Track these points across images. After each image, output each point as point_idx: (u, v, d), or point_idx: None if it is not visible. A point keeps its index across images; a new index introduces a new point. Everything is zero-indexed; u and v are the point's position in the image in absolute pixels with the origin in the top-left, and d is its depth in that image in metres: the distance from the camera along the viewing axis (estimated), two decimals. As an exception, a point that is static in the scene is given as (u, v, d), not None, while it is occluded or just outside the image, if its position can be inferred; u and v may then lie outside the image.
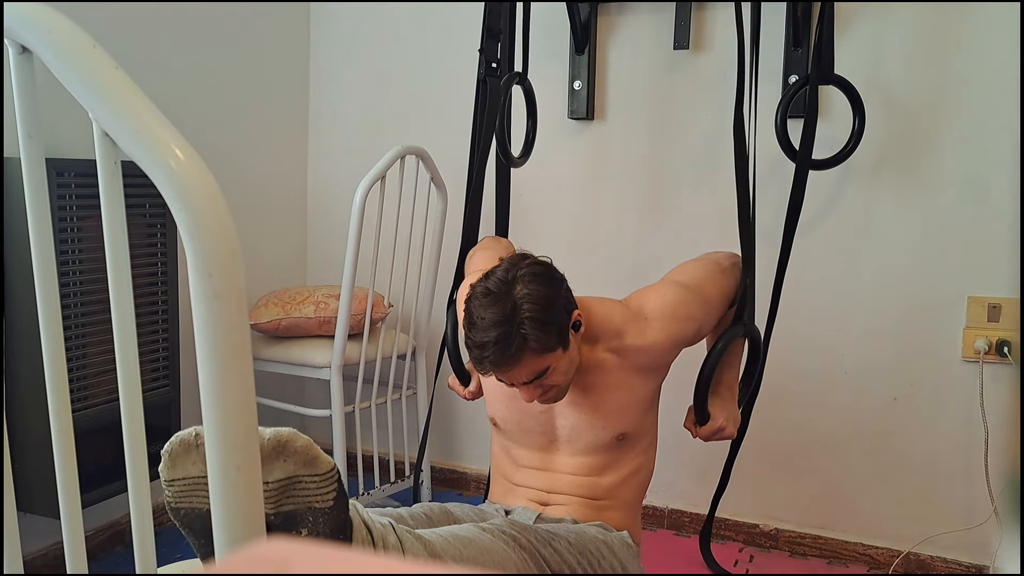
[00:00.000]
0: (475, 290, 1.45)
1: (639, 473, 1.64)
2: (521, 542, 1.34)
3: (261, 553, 0.38)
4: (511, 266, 1.45)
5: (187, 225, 0.61)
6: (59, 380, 0.76)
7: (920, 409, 2.15)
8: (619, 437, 1.58)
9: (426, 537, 1.20)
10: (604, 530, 1.56)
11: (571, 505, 1.60)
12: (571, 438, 1.59)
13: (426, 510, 1.48)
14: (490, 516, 1.58)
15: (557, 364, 1.45)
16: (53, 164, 1.71)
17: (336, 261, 2.67)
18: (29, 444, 1.73)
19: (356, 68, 2.72)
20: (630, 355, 1.55)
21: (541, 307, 1.40)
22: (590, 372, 1.56)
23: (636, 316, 1.55)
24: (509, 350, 1.39)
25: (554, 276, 1.47)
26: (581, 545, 1.44)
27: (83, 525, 0.80)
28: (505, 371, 1.44)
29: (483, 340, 1.40)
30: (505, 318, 1.38)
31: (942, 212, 2.09)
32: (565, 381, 1.50)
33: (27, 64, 0.69)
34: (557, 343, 1.43)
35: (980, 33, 2.02)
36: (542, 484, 1.63)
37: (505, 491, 1.68)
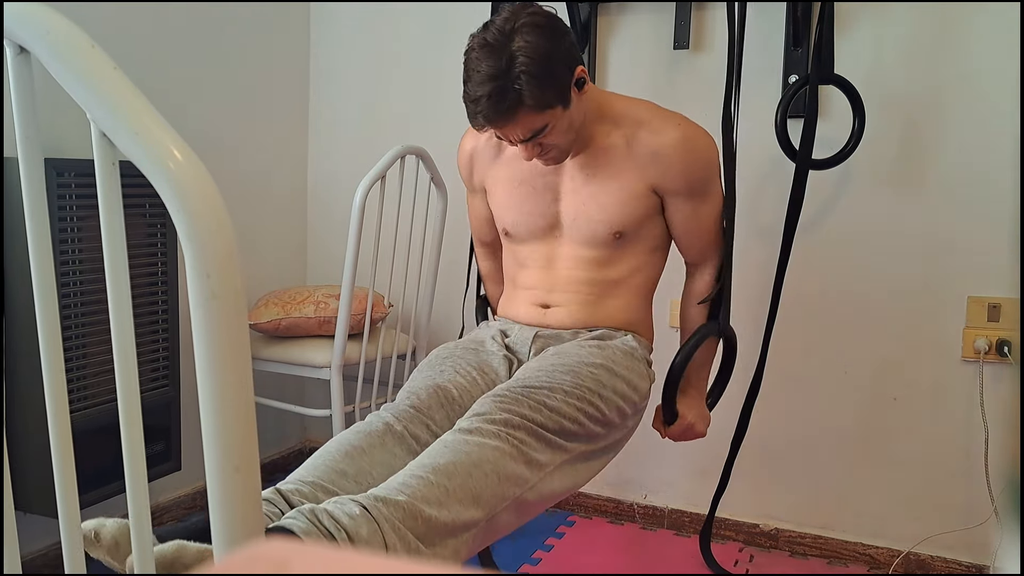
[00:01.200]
0: (473, 41, 1.38)
1: (641, 272, 1.61)
2: (513, 422, 1.28)
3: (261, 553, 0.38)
4: (512, 16, 1.37)
5: (185, 226, 0.61)
6: (57, 381, 0.76)
7: (920, 409, 2.15)
8: (616, 235, 1.54)
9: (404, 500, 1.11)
10: (602, 343, 1.52)
11: (571, 306, 1.58)
12: (572, 229, 1.57)
13: (413, 400, 1.40)
14: (487, 357, 1.55)
15: (556, 123, 1.40)
16: (53, 164, 1.71)
17: (336, 261, 2.67)
18: (28, 444, 1.73)
19: (356, 68, 2.72)
20: (637, 146, 1.51)
21: (539, 61, 1.33)
22: (598, 156, 1.52)
23: (666, 116, 1.52)
24: (503, 105, 1.34)
25: (557, 27, 1.38)
26: (578, 388, 1.38)
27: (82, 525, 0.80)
28: (499, 127, 1.39)
29: (477, 94, 1.34)
30: (500, 71, 1.32)
31: (942, 212, 2.09)
32: (565, 141, 1.45)
33: (25, 64, 0.69)
34: (556, 100, 1.37)
35: (980, 33, 2.02)
36: (544, 283, 1.61)
37: (510, 299, 1.68)
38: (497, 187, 1.66)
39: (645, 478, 2.43)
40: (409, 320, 2.41)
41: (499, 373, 1.55)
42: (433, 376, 1.49)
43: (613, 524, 2.43)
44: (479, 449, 1.23)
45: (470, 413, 1.32)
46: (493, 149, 1.66)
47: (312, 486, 1.21)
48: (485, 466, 1.22)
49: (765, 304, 1.93)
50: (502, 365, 1.56)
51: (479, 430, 1.26)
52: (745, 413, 1.98)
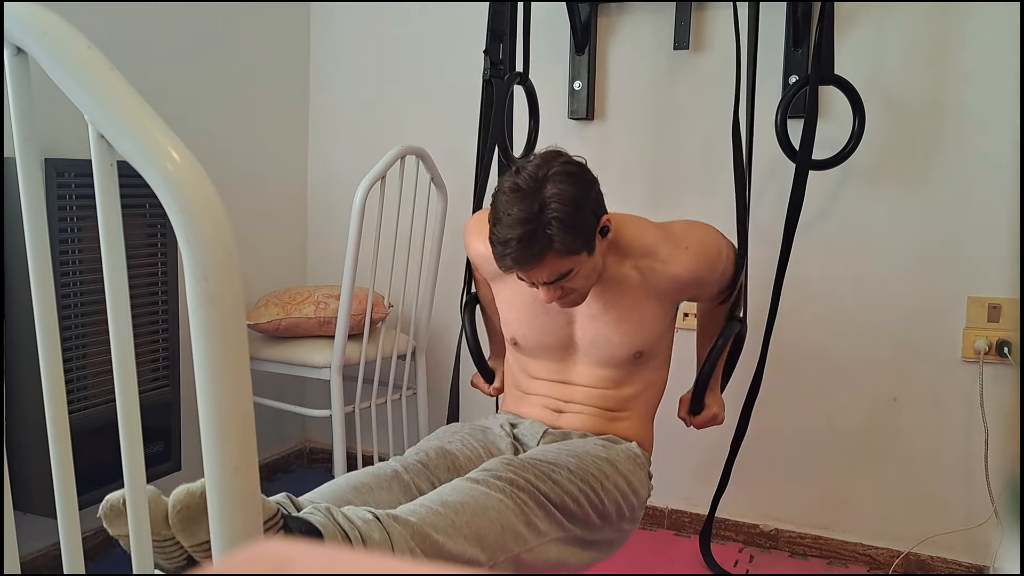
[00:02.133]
0: (504, 184, 1.40)
1: (653, 387, 1.64)
2: (519, 484, 1.31)
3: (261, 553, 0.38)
4: (543, 163, 1.40)
5: (183, 228, 0.61)
6: (56, 381, 0.76)
7: (920, 409, 2.15)
8: (636, 355, 1.57)
9: (414, 520, 1.16)
10: (610, 443, 1.54)
11: (585, 415, 1.59)
12: (589, 351, 1.58)
13: (422, 457, 1.44)
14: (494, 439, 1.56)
15: (580, 268, 1.42)
16: (53, 164, 1.71)
17: (336, 261, 2.67)
18: (28, 444, 1.73)
19: (356, 68, 2.72)
20: (652, 277, 1.53)
21: (570, 208, 1.36)
22: (613, 286, 1.54)
23: (674, 241, 1.54)
24: (532, 249, 1.36)
25: (586, 177, 1.42)
26: (582, 472, 1.41)
27: (81, 525, 0.80)
28: (526, 270, 1.41)
29: (507, 237, 1.36)
30: (532, 216, 1.35)
31: (942, 212, 2.09)
32: (586, 285, 1.48)
33: (22, 66, 0.69)
34: (582, 247, 1.40)
35: (980, 33, 2.02)
36: (557, 394, 1.62)
37: (518, 400, 1.67)
38: (505, 294, 1.65)
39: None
40: (409, 320, 2.41)
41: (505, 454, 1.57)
42: (442, 444, 1.52)
43: (613, 524, 2.43)
44: (485, 497, 1.27)
45: (479, 468, 1.36)
46: None
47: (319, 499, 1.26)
48: (490, 512, 1.25)
49: (765, 304, 1.93)
50: (508, 449, 1.57)
51: (487, 482, 1.30)
52: (745, 413, 1.98)
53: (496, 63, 2.00)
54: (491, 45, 1.99)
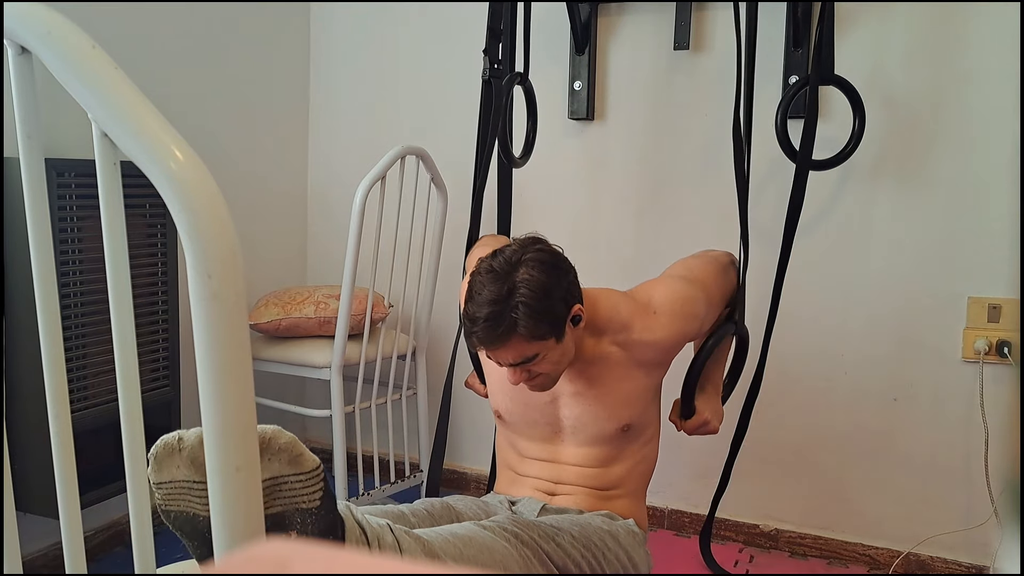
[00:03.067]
0: (481, 265, 1.45)
1: (644, 463, 1.64)
2: (523, 538, 1.33)
3: (261, 553, 0.38)
4: (520, 248, 1.44)
5: (186, 226, 0.61)
6: (58, 381, 0.76)
7: (920, 409, 2.15)
8: (624, 428, 1.57)
9: (424, 537, 1.20)
10: (609, 519, 1.55)
11: (577, 495, 1.60)
12: (576, 429, 1.59)
13: (427, 507, 1.48)
14: (494, 508, 1.57)
15: (547, 353, 1.44)
16: (53, 164, 1.71)
17: (336, 261, 2.67)
18: (29, 444, 1.73)
19: (356, 68, 2.72)
20: (635, 349, 1.54)
21: (537, 295, 1.39)
22: (595, 364, 1.55)
23: (643, 310, 1.55)
24: (497, 330, 1.39)
25: (560, 266, 1.45)
26: (585, 538, 1.43)
27: (83, 525, 0.80)
28: (491, 350, 1.44)
29: (475, 315, 1.40)
30: (500, 298, 1.38)
31: (942, 212, 2.09)
32: (554, 371, 1.49)
33: (26, 65, 0.69)
34: (548, 333, 1.42)
35: (980, 33, 2.02)
36: (548, 475, 1.62)
37: (511, 481, 1.68)
38: (491, 368, 1.66)
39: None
40: (409, 320, 2.41)
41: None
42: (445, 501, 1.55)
43: (613, 524, 2.43)
44: (492, 540, 1.29)
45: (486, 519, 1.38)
46: None
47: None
48: (495, 555, 1.27)
49: (765, 304, 1.93)
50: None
51: (493, 529, 1.32)
52: (745, 414, 1.98)
53: (495, 63, 2.00)
54: (490, 45, 1.99)
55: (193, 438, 1.00)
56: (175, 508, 1.02)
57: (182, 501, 1.02)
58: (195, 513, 1.03)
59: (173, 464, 1.00)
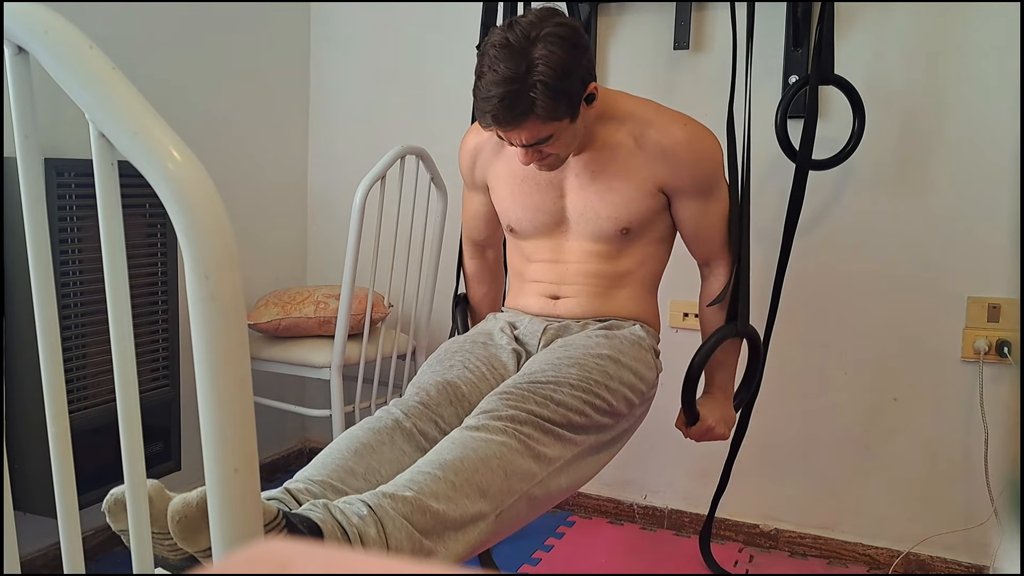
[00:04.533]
0: (494, 37, 1.37)
1: (648, 262, 1.63)
2: (520, 418, 1.29)
3: (261, 553, 0.38)
4: (537, 21, 1.36)
5: (183, 227, 0.61)
6: (56, 381, 0.76)
7: (920, 409, 2.15)
8: (623, 231, 1.56)
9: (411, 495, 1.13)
10: (610, 332, 1.53)
11: (580, 296, 1.60)
12: (579, 224, 1.58)
13: (422, 396, 1.42)
14: (496, 350, 1.56)
15: (561, 134, 1.41)
16: (53, 164, 1.71)
17: (336, 261, 2.67)
18: (29, 444, 1.73)
19: (356, 68, 2.72)
20: (646, 144, 1.52)
21: (557, 74, 1.33)
22: (604, 153, 1.53)
23: (676, 119, 1.54)
24: (514, 110, 1.34)
25: (579, 43, 1.39)
26: (585, 380, 1.39)
27: (81, 525, 0.80)
28: (505, 130, 1.40)
29: (489, 93, 1.34)
30: (517, 76, 1.32)
31: (942, 212, 2.09)
32: (565, 151, 1.47)
33: (23, 65, 0.69)
34: (565, 113, 1.38)
35: (980, 33, 2.02)
36: (553, 276, 1.63)
37: (518, 291, 1.69)
38: (499, 183, 1.67)
39: (645, 478, 2.43)
40: (409, 320, 2.41)
41: (508, 367, 1.56)
42: (442, 371, 1.50)
43: (613, 524, 2.43)
44: (486, 445, 1.24)
45: (477, 411, 1.33)
46: (496, 145, 1.66)
47: (321, 485, 1.22)
48: (492, 462, 1.23)
49: (765, 304, 1.93)
50: (511, 359, 1.57)
51: (486, 427, 1.27)
52: (745, 413, 1.98)
53: None
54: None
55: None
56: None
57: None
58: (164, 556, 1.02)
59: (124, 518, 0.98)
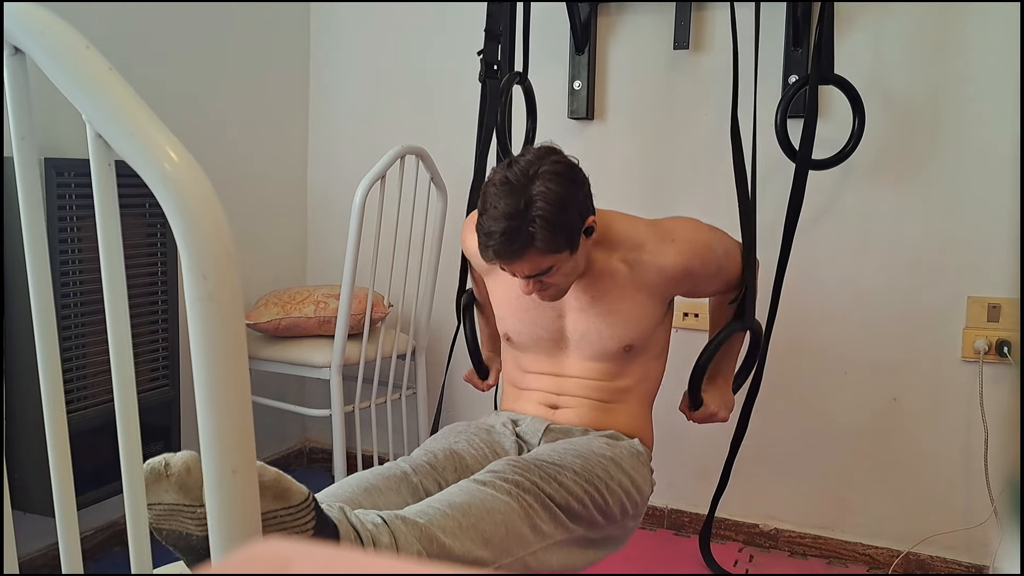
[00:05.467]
0: (495, 176, 1.43)
1: (647, 379, 1.65)
2: (524, 486, 1.32)
3: (260, 553, 0.38)
4: (535, 159, 1.42)
5: (181, 227, 0.61)
6: (54, 381, 0.75)
7: (920, 409, 2.15)
8: (626, 348, 1.58)
9: (422, 521, 1.18)
10: (612, 441, 1.55)
11: (580, 408, 1.60)
12: (580, 344, 1.59)
13: (430, 458, 1.46)
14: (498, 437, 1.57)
15: (561, 265, 1.44)
16: (52, 164, 1.71)
17: (336, 261, 2.67)
18: (28, 443, 1.72)
19: (356, 68, 2.72)
20: (642, 269, 1.55)
21: (555, 208, 1.38)
22: (602, 279, 1.55)
23: (662, 236, 1.56)
24: (514, 244, 1.38)
25: (576, 177, 1.44)
26: (588, 472, 1.42)
27: (80, 525, 0.80)
28: (507, 263, 1.43)
29: (491, 229, 1.39)
30: (517, 212, 1.37)
31: (942, 212, 2.09)
32: (566, 282, 1.50)
33: (20, 65, 0.69)
34: (564, 245, 1.42)
35: (980, 33, 2.02)
36: (552, 388, 1.63)
37: (515, 398, 1.69)
38: (498, 290, 1.68)
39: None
40: (409, 320, 2.41)
41: (510, 453, 1.57)
42: (449, 443, 1.53)
43: (613, 524, 2.43)
44: (492, 499, 1.28)
45: (485, 469, 1.37)
46: None
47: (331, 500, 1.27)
48: (496, 515, 1.26)
49: (765, 304, 1.93)
50: (513, 448, 1.58)
51: (492, 484, 1.31)
52: (745, 413, 1.98)
53: (491, 65, 2.00)
54: (487, 47, 1.99)
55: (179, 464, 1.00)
56: (167, 527, 1.03)
57: (174, 521, 1.02)
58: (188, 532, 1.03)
59: (161, 488, 1.00)
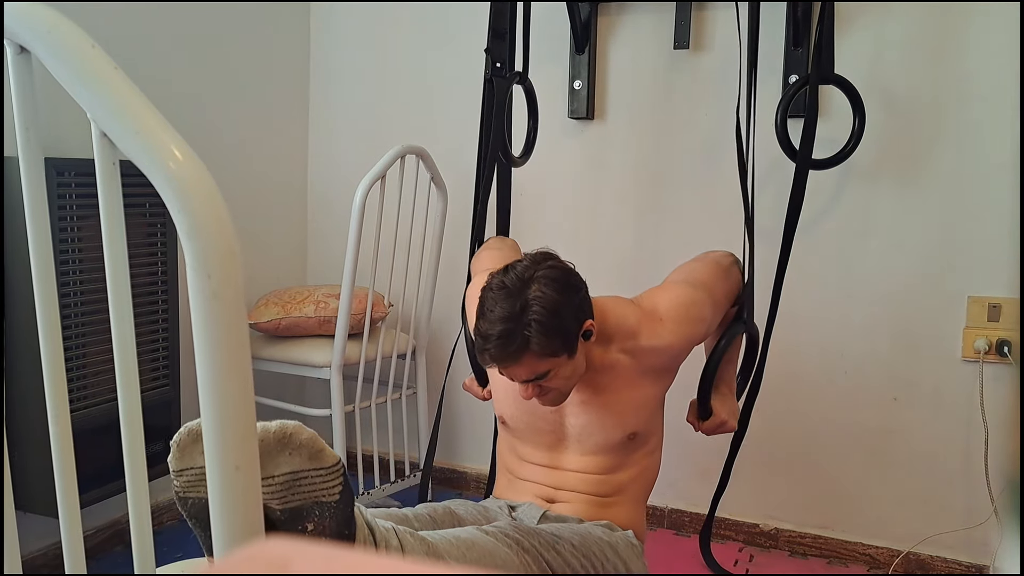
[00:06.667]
0: (492, 281, 1.45)
1: (646, 472, 1.64)
2: (524, 545, 1.33)
3: (261, 552, 0.38)
4: (532, 264, 1.44)
5: (186, 226, 0.61)
6: (57, 380, 0.76)
7: (920, 409, 2.15)
8: (630, 436, 1.58)
9: (429, 539, 1.20)
10: (609, 530, 1.55)
11: (577, 503, 1.59)
12: (581, 437, 1.59)
13: (430, 511, 1.48)
14: (495, 514, 1.57)
15: (559, 369, 1.45)
16: (54, 163, 1.71)
17: (336, 261, 2.67)
18: (30, 443, 1.73)
19: (356, 68, 2.72)
20: (643, 356, 1.55)
21: (550, 313, 1.39)
22: (603, 372, 1.55)
23: (650, 316, 1.55)
24: (510, 348, 1.40)
25: (571, 283, 1.46)
26: (585, 548, 1.43)
27: (83, 525, 0.80)
28: (504, 367, 1.45)
29: (487, 332, 1.41)
30: (512, 316, 1.39)
31: (942, 212, 2.09)
32: (566, 386, 1.50)
33: (25, 64, 0.69)
34: (561, 349, 1.42)
35: (980, 33, 2.02)
36: (549, 481, 1.62)
37: (509, 485, 1.67)
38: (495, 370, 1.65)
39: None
40: (409, 320, 2.41)
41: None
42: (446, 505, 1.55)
43: (613, 524, 2.43)
44: (494, 546, 1.29)
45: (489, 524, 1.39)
46: None
47: None
48: (497, 559, 1.27)
49: (765, 304, 1.93)
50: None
51: (495, 535, 1.32)
52: (745, 413, 1.98)
53: (498, 62, 2.00)
54: (494, 44, 1.99)
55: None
56: (194, 495, 1.03)
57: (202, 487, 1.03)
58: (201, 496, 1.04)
59: (197, 450, 1.01)
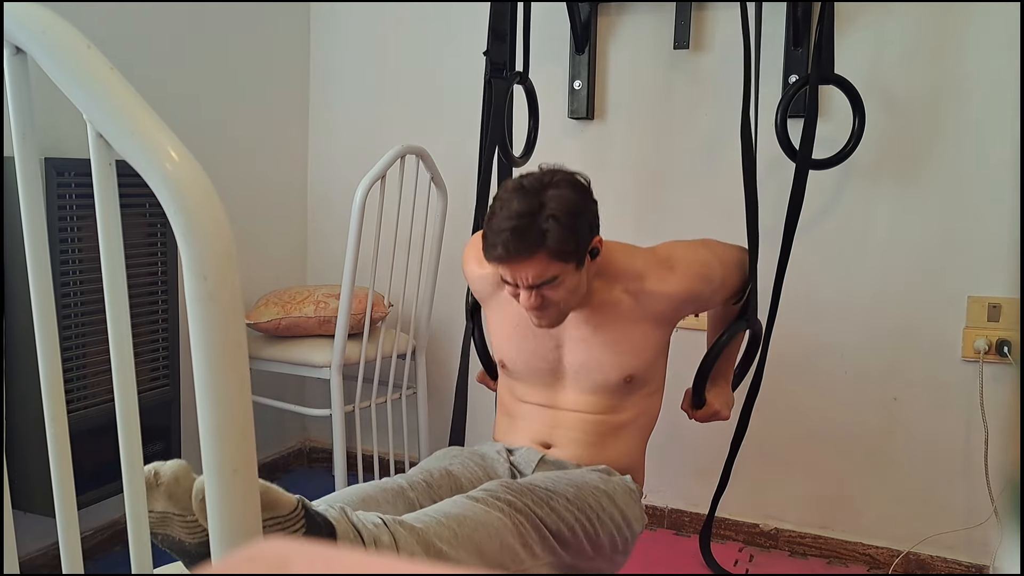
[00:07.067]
0: (508, 184, 1.42)
1: (645, 415, 1.63)
2: (517, 506, 1.32)
3: (260, 553, 0.38)
4: (550, 171, 1.43)
5: (182, 227, 0.61)
6: (55, 381, 0.76)
7: (920, 409, 2.15)
8: (627, 379, 1.56)
9: (419, 526, 1.20)
10: (606, 475, 1.54)
11: (574, 445, 1.58)
12: (579, 375, 1.57)
13: (426, 476, 1.46)
14: (492, 463, 1.56)
15: (566, 278, 1.42)
16: (53, 164, 1.71)
17: (336, 261, 2.67)
18: (28, 443, 1.73)
19: (356, 68, 2.72)
20: (646, 299, 1.54)
21: (569, 210, 1.38)
22: (603, 310, 1.54)
23: (661, 263, 1.55)
24: (525, 241, 1.36)
25: (589, 192, 1.46)
26: (580, 500, 1.41)
27: (81, 525, 0.80)
28: (514, 263, 1.39)
29: (501, 227, 1.37)
30: (531, 210, 1.36)
31: (942, 212, 2.09)
32: (567, 301, 1.47)
33: (21, 65, 0.69)
34: (573, 255, 1.40)
35: (980, 33, 2.02)
36: (546, 421, 1.61)
37: (508, 428, 1.66)
38: (496, 317, 1.66)
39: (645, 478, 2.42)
40: (409, 320, 2.41)
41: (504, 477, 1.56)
42: (444, 464, 1.53)
43: (613, 524, 2.43)
44: (485, 514, 1.28)
45: (479, 488, 1.37)
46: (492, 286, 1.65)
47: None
48: (490, 528, 1.26)
49: (765, 304, 1.93)
50: (506, 474, 1.57)
51: (485, 500, 1.31)
52: (745, 413, 1.98)
53: (497, 64, 2.00)
54: (493, 46, 1.98)
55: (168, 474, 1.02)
56: (161, 533, 1.06)
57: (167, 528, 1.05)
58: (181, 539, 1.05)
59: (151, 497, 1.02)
